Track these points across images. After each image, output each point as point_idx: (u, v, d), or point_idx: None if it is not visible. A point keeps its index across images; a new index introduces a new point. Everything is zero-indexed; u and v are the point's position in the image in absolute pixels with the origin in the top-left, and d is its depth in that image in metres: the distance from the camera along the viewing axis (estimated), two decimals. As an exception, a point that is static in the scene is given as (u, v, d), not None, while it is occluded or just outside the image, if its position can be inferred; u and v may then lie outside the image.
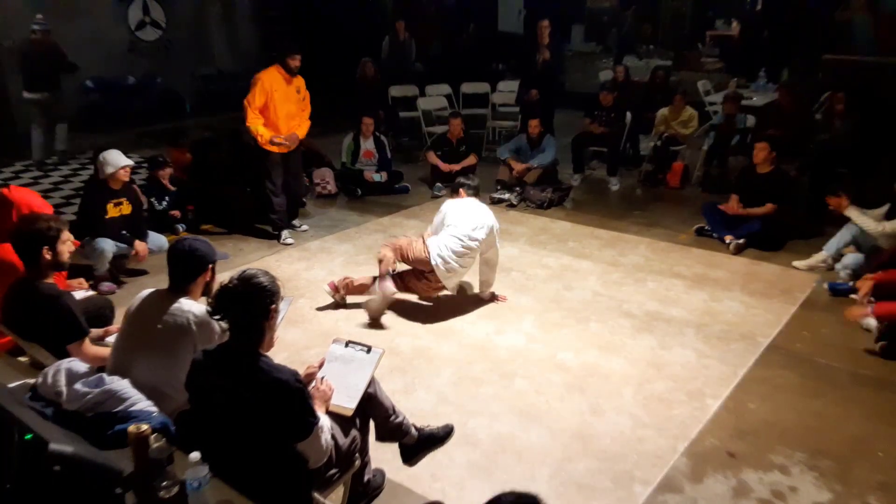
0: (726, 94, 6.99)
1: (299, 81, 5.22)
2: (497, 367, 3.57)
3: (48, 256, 2.68)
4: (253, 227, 5.60)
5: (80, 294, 3.29)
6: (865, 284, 3.82)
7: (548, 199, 6.15)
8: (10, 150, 7.72)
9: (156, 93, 9.63)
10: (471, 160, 6.66)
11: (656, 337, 3.89)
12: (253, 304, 1.92)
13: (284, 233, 5.38)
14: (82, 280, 3.82)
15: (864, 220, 4.45)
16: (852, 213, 4.52)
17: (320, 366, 2.38)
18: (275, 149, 5.14)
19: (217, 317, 1.97)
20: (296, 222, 5.65)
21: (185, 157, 5.89)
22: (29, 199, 3.62)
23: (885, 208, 4.48)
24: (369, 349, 2.40)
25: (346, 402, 2.28)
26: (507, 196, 6.33)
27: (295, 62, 5.05)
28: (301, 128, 5.30)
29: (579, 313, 4.18)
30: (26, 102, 7.27)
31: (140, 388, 2.15)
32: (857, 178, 5.81)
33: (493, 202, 6.30)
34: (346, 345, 2.43)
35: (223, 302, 1.94)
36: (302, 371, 2.20)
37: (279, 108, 5.09)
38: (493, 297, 4.36)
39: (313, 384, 2.28)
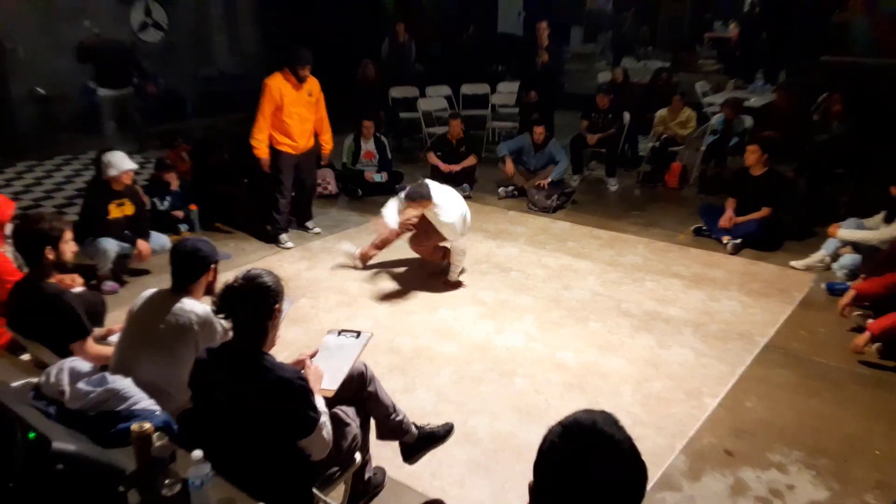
0: (727, 99, 7.01)
1: (311, 84, 5.15)
2: (497, 367, 3.58)
3: (51, 256, 2.70)
4: (255, 227, 5.62)
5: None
6: (847, 295, 3.84)
7: (553, 206, 6.14)
8: (12, 150, 7.73)
9: (157, 94, 9.64)
10: (471, 161, 6.68)
11: (655, 336, 3.91)
12: (257, 304, 1.94)
13: (284, 236, 5.36)
14: (76, 276, 3.76)
15: (860, 235, 4.47)
16: (845, 234, 4.54)
17: (312, 355, 2.39)
18: (286, 149, 5.13)
19: (221, 316, 1.99)
20: (309, 224, 5.64)
21: (183, 158, 5.91)
22: None
23: (882, 214, 4.49)
24: (359, 334, 2.43)
25: (328, 384, 2.28)
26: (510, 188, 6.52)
27: (304, 72, 4.98)
28: (327, 142, 5.40)
29: (578, 313, 4.20)
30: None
31: (143, 386, 2.17)
32: (854, 179, 5.83)
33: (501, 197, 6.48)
34: (339, 333, 2.47)
35: (228, 301, 1.95)
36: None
37: (291, 114, 5.05)
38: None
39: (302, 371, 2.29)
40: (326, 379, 2.29)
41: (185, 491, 1.67)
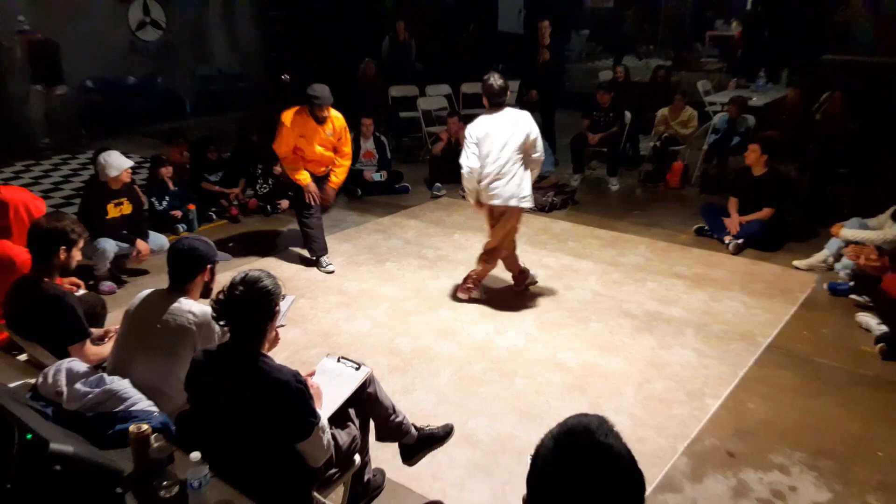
0: (731, 98, 7.00)
1: (333, 121, 4.67)
2: (497, 367, 3.57)
3: (62, 257, 2.70)
4: (253, 226, 5.61)
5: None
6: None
7: (549, 203, 6.13)
8: (11, 149, 7.71)
9: (156, 93, 9.64)
10: None
11: (656, 337, 3.89)
12: (258, 309, 1.93)
13: (324, 259, 4.86)
14: (73, 278, 3.73)
15: (864, 234, 4.44)
16: (848, 234, 4.51)
17: (310, 376, 2.38)
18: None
19: (222, 322, 1.96)
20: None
21: (184, 155, 5.91)
22: (22, 197, 3.57)
23: (888, 213, 4.46)
24: (359, 366, 2.41)
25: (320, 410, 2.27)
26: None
27: (322, 113, 4.54)
28: (337, 175, 4.84)
29: (579, 313, 4.18)
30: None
31: (140, 387, 2.16)
32: (857, 178, 5.82)
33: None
34: (338, 360, 2.45)
35: (229, 309, 1.92)
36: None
37: (308, 152, 4.65)
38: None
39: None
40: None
41: (183, 492, 1.66)
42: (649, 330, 3.97)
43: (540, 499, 1.11)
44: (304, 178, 4.70)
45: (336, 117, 4.71)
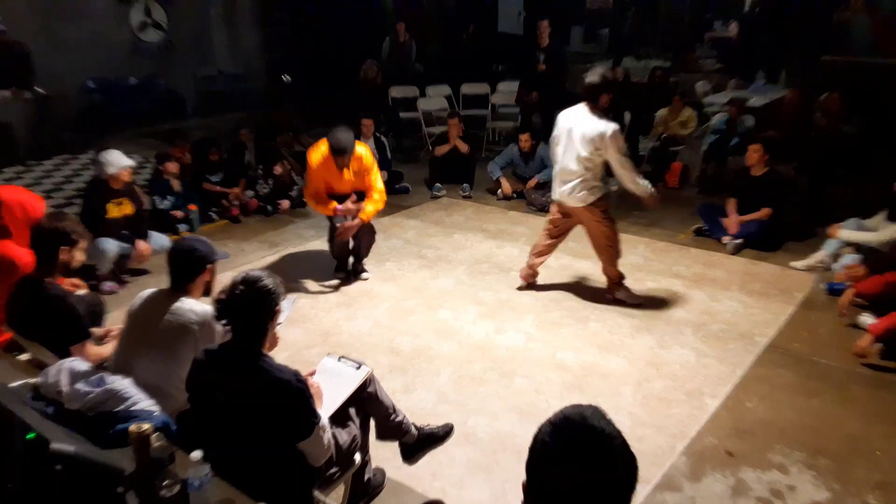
0: (731, 98, 7.01)
1: (355, 162, 4.44)
2: (497, 366, 3.58)
3: (64, 258, 2.71)
4: (253, 226, 5.61)
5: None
6: (846, 294, 3.81)
7: (548, 203, 6.13)
8: (11, 150, 7.70)
9: (157, 93, 9.66)
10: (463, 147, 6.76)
11: (655, 336, 3.90)
12: (259, 308, 1.94)
13: (334, 278, 4.70)
14: (73, 279, 3.74)
15: (860, 236, 4.45)
16: (845, 235, 4.52)
17: (310, 375, 2.39)
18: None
19: (223, 322, 1.97)
20: (359, 267, 4.78)
21: (185, 156, 5.92)
22: (19, 196, 3.56)
23: (884, 213, 4.47)
24: (359, 366, 2.41)
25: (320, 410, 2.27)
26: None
27: (341, 162, 4.33)
28: (365, 211, 4.45)
29: (579, 313, 4.19)
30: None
31: (142, 387, 2.16)
32: (855, 178, 5.82)
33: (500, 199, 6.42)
34: (339, 359, 2.45)
35: (230, 308, 1.93)
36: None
37: (334, 188, 4.49)
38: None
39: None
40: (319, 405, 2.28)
41: (184, 492, 1.66)
42: (648, 329, 3.98)
43: (539, 481, 1.15)
44: (331, 207, 4.46)
45: (360, 156, 4.45)
